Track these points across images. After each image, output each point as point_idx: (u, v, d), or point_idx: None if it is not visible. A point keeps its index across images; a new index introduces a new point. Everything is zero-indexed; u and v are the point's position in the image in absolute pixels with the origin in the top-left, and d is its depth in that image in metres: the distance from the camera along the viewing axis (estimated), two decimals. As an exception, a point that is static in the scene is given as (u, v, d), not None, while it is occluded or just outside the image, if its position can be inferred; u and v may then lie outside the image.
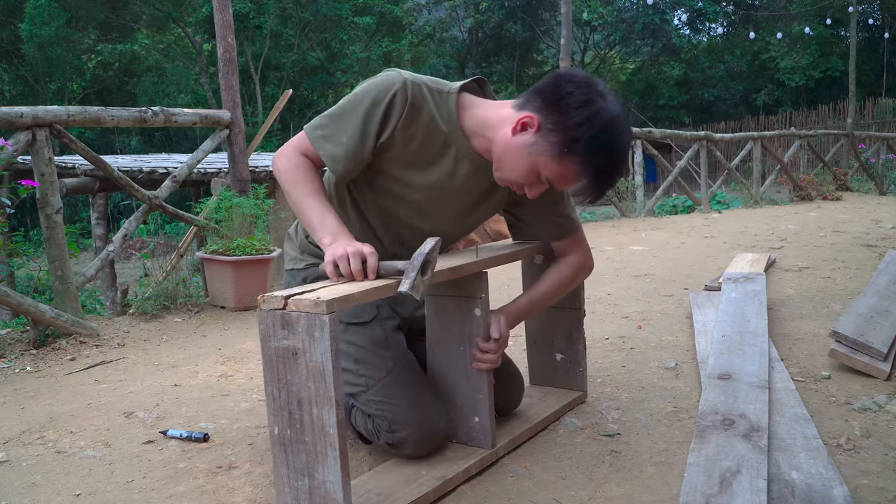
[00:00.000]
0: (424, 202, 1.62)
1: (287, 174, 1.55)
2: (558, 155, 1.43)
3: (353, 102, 1.51)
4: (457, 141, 1.56)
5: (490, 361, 1.64)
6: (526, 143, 1.46)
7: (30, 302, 2.92)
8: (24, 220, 13.90)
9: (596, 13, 21.67)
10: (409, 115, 1.51)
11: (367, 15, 21.33)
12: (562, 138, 1.42)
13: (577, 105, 1.41)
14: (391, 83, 1.49)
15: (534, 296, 1.77)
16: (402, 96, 1.49)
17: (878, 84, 21.56)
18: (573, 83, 1.44)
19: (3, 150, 2.95)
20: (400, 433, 1.59)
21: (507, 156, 1.49)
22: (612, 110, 1.43)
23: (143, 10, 19.54)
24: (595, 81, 1.47)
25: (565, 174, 1.46)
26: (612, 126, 1.42)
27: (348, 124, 1.51)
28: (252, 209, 3.82)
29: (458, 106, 1.55)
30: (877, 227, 5.83)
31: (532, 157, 1.46)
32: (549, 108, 1.44)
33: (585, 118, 1.41)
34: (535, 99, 1.47)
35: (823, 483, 1.46)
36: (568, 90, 1.43)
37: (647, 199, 8.53)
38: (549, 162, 1.45)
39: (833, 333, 2.24)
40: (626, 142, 1.46)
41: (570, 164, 1.44)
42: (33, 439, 1.97)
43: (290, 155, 1.56)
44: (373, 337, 1.66)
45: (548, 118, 1.44)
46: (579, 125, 1.41)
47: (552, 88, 1.45)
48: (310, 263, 1.75)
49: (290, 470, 1.36)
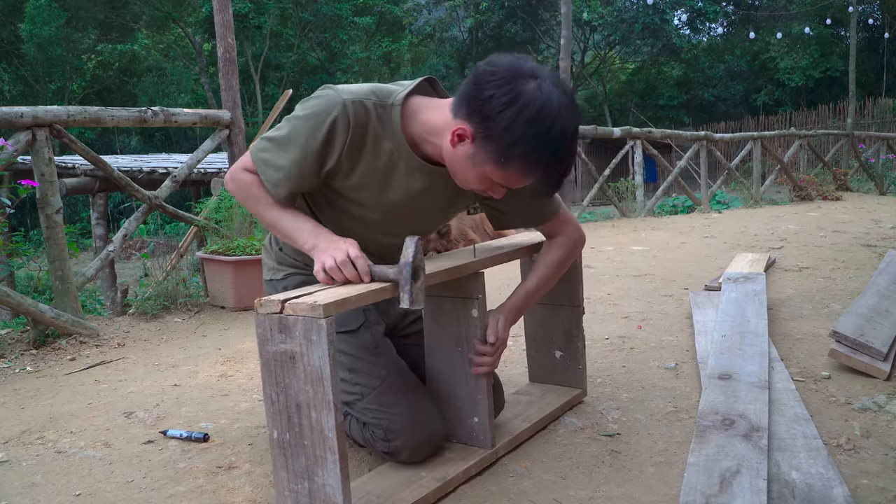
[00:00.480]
0: (385, 220, 1.59)
1: (241, 193, 1.56)
2: (498, 162, 1.36)
3: (293, 130, 1.47)
4: (404, 154, 1.50)
5: (487, 365, 1.64)
6: (466, 154, 1.39)
7: (30, 302, 2.92)
8: (24, 220, 13.90)
9: (596, 13, 21.67)
10: (353, 140, 1.46)
11: (367, 15, 21.34)
12: (496, 146, 1.35)
13: (500, 108, 1.32)
14: (330, 108, 1.43)
15: (529, 286, 1.74)
16: (343, 121, 1.43)
17: (878, 84, 21.56)
18: (493, 82, 1.34)
19: (3, 150, 2.95)
20: (396, 441, 1.58)
21: (455, 167, 1.45)
22: (538, 99, 1.32)
23: (143, 10, 19.55)
24: (517, 69, 1.35)
25: (514, 177, 1.40)
26: (541, 117, 1.32)
27: (288, 153, 1.47)
28: (252, 209, 3.82)
29: (403, 116, 1.48)
30: (877, 227, 5.83)
31: (478, 168, 1.40)
32: (475, 115, 1.36)
33: (511, 120, 1.32)
34: (463, 106, 1.38)
35: (823, 483, 1.46)
36: (488, 93, 1.34)
37: (647, 199, 8.53)
38: (494, 170, 1.39)
39: (833, 333, 2.24)
40: (562, 126, 1.34)
41: (515, 167, 1.36)
42: (33, 439, 1.97)
43: (236, 176, 1.55)
44: (362, 344, 1.64)
45: (477, 127, 1.36)
46: (507, 129, 1.32)
47: (473, 92, 1.36)
48: (288, 273, 1.73)
49: (289, 473, 1.36)
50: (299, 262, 1.71)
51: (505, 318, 1.68)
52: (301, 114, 1.47)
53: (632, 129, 8.13)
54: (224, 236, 3.76)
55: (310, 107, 1.46)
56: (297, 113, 1.48)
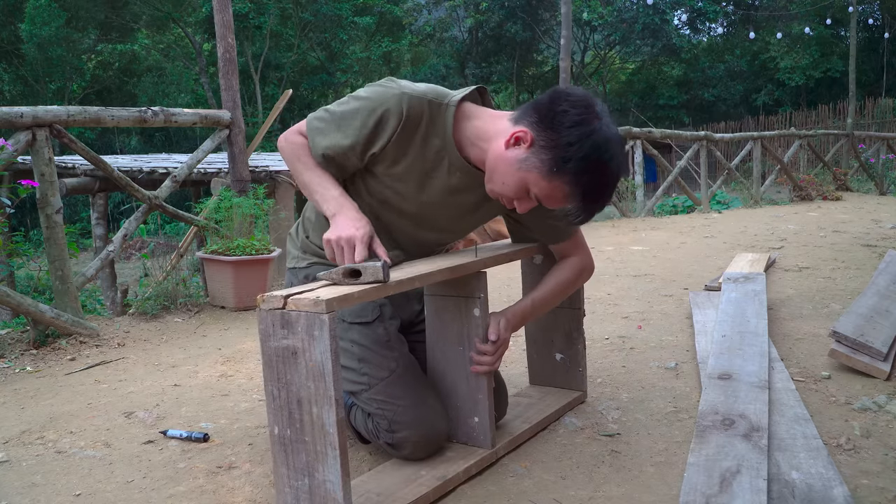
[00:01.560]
0: (419, 214, 1.65)
1: (286, 152, 1.64)
2: (548, 173, 1.42)
3: (352, 110, 1.54)
4: (450, 153, 1.57)
5: (488, 364, 1.64)
6: (518, 157, 1.45)
7: (30, 302, 2.92)
8: (24, 220, 13.90)
9: (596, 13, 21.66)
10: (404, 132, 1.52)
11: (367, 15, 21.33)
12: (552, 156, 1.41)
13: (570, 124, 1.40)
14: (387, 99, 1.51)
15: (536, 298, 1.77)
16: (395, 114, 1.50)
17: (878, 84, 21.56)
18: (569, 101, 1.43)
19: (3, 150, 2.95)
20: (400, 434, 1.59)
21: (499, 168, 1.49)
22: (605, 133, 1.41)
23: (143, 10, 19.55)
24: (592, 101, 1.45)
25: (554, 193, 1.45)
26: (603, 148, 1.40)
27: (344, 126, 1.55)
28: (252, 209, 3.82)
29: (457, 118, 1.55)
30: (877, 227, 5.83)
31: (522, 173, 1.45)
32: (542, 124, 1.43)
33: (577, 138, 1.39)
34: (531, 114, 1.46)
35: (823, 483, 1.46)
36: (563, 108, 1.41)
37: (647, 199, 8.53)
38: (539, 179, 1.44)
39: (833, 333, 2.24)
40: (617, 165, 1.43)
41: (559, 183, 1.43)
42: (33, 439, 1.97)
43: (290, 137, 1.64)
44: (376, 337, 1.66)
45: (541, 135, 1.42)
46: (570, 145, 1.39)
47: (548, 105, 1.44)
48: (312, 262, 1.76)
49: (290, 470, 1.36)
50: (324, 250, 1.73)
51: (507, 320, 1.69)
52: (362, 95, 1.55)
53: (632, 129, 8.13)
54: (224, 236, 3.76)
55: (372, 92, 1.54)
56: (360, 93, 1.56)
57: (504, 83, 24.64)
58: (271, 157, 8.90)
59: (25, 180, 2.94)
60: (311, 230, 1.77)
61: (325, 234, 1.49)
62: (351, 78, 21.76)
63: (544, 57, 25.86)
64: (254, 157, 8.31)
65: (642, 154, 8.12)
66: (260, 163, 6.79)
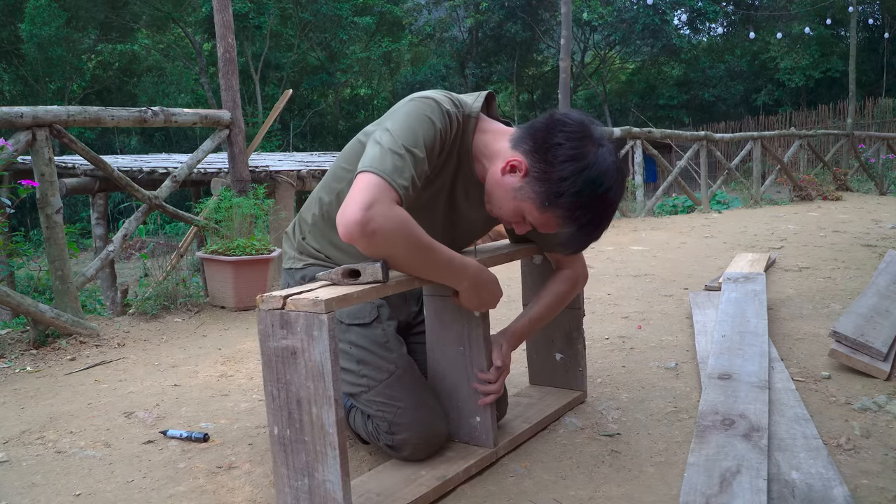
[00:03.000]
0: (443, 224, 1.66)
1: (400, 232, 1.32)
2: (541, 205, 1.43)
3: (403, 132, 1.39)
4: (466, 165, 1.58)
5: (494, 391, 1.65)
6: (513, 185, 1.45)
7: (30, 302, 2.92)
8: (24, 220, 13.90)
9: (596, 13, 21.66)
10: (444, 144, 1.49)
11: (367, 15, 21.35)
12: (545, 190, 1.40)
13: (564, 159, 1.38)
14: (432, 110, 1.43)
15: (533, 315, 1.79)
16: (443, 122, 1.45)
17: (878, 84, 21.56)
18: (564, 133, 1.40)
19: (3, 150, 2.95)
20: (400, 435, 1.59)
21: (496, 193, 1.50)
22: (601, 165, 1.39)
23: (143, 10, 19.56)
24: (590, 130, 1.42)
25: (548, 223, 1.46)
26: (597, 182, 1.39)
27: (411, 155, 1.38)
28: (252, 209, 3.82)
29: (475, 130, 1.55)
30: (877, 227, 5.83)
31: (517, 202, 1.46)
32: (537, 154, 1.41)
33: (570, 173, 1.38)
34: (527, 141, 1.44)
35: (823, 483, 1.46)
36: (558, 140, 1.39)
37: (647, 199, 8.53)
38: (533, 209, 1.44)
39: (833, 333, 2.24)
40: (611, 197, 1.42)
41: (553, 216, 1.43)
42: (33, 439, 1.97)
43: (386, 212, 1.29)
44: (374, 338, 1.66)
45: (535, 165, 1.41)
46: (563, 180, 1.38)
47: (543, 134, 1.42)
48: (308, 263, 1.75)
49: (289, 470, 1.36)
50: (320, 253, 1.74)
51: (508, 343, 1.71)
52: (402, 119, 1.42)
53: (632, 129, 8.13)
54: (224, 236, 3.76)
55: (412, 111, 1.43)
56: (398, 117, 1.43)
57: (504, 83, 24.64)
58: (271, 157, 8.90)
59: (25, 180, 2.94)
60: (307, 232, 1.76)
61: (467, 306, 1.53)
62: (351, 78, 21.77)
63: (544, 57, 25.87)
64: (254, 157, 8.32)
65: (642, 154, 8.12)
66: (260, 163, 6.79)
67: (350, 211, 1.28)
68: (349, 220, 1.27)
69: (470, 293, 1.52)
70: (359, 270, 1.36)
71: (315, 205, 1.73)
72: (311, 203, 1.76)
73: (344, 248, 1.68)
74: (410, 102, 1.46)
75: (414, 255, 1.36)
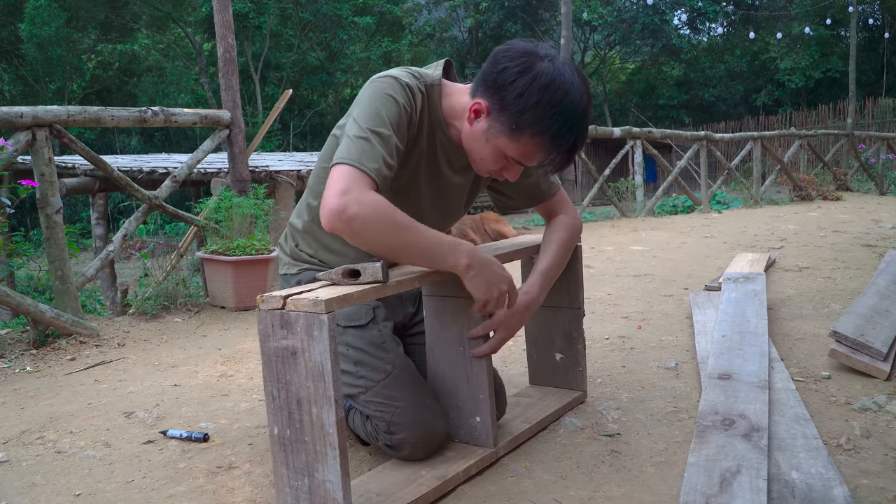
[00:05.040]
0: (427, 197, 1.66)
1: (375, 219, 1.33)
2: (511, 132, 1.43)
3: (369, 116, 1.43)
4: (440, 132, 1.60)
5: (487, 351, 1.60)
6: (482, 129, 1.47)
7: (30, 302, 2.92)
8: (24, 220, 13.90)
9: (596, 13, 21.67)
10: (412, 116, 1.53)
11: (367, 15, 21.34)
12: (508, 115, 1.41)
13: (513, 78, 1.40)
14: (393, 88, 1.47)
15: (543, 268, 1.73)
16: (407, 97, 1.48)
17: (878, 84, 21.57)
18: (507, 57, 1.43)
19: (3, 150, 2.95)
20: (399, 435, 1.59)
21: (473, 146, 1.52)
22: (550, 72, 1.39)
23: (143, 10, 19.55)
24: (534, 48, 1.43)
25: (527, 149, 1.45)
26: (552, 87, 1.39)
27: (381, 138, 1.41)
28: (252, 209, 3.82)
29: (441, 95, 1.58)
30: (877, 227, 5.83)
31: (491, 142, 1.47)
32: (491, 89, 1.44)
33: (524, 87, 1.39)
34: (480, 84, 1.47)
35: (823, 483, 1.46)
36: (503, 66, 1.42)
37: (647, 199, 8.53)
38: (508, 142, 1.45)
39: (833, 333, 2.24)
40: (574, 97, 1.40)
41: (527, 137, 1.43)
42: (33, 439, 1.97)
43: (360, 197, 1.32)
44: (371, 339, 1.66)
45: (492, 99, 1.43)
46: (520, 96, 1.39)
47: (490, 69, 1.45)
48: (303, 269, 1.75)
49: (289, 470, 1.36)
50: (314, 258, 1.74)
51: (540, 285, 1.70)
52: (367, 100, 1.45)
53: (632, 129, 8.13)
54: (224, 236, 3.76)
55: (374, 92, 1.46)
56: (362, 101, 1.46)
57: (504, 83, 24.59)
58: (271, 157, 8.90)
59: (25, 180, 2.94)
60: (299, 239, 1.76)
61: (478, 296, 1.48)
62: (351, 78, 21.75)
63: (544, 57, 25.82)
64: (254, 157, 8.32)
65: (642, 154, 8.12)
66: (260, 163, 6.79)
67: (327, 202, 1.33)
68: (327, 210, 1.32)
69: (475, 276, 1.45)
70: (359, 270, 1.36)
71: (305, 211, 1.74)
72: (301, 210, 1.76)
73: (338, 250, 1.68)
74: (371, 85, 1.49)
75: (396, 237, 1.36)
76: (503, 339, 1.64)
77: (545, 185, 1.81)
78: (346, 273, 1.37)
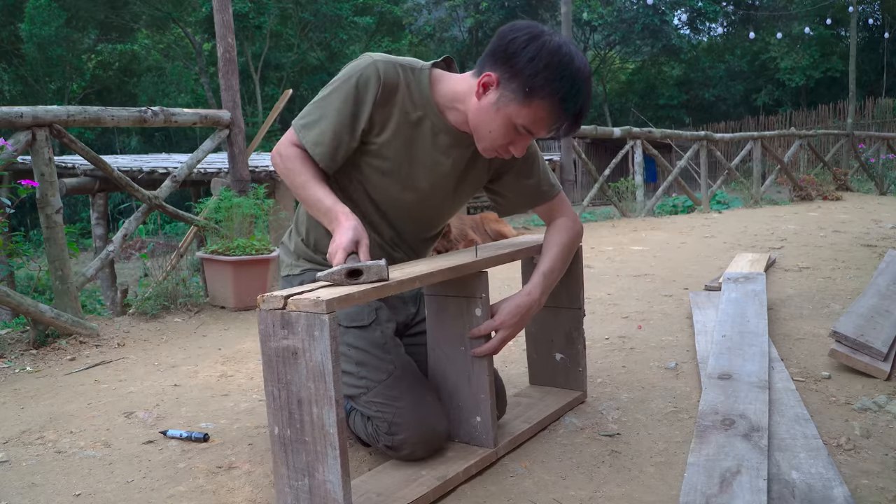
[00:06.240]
0: (412, 185, 1.67)
1: (280, 167, 1.61)
2: (524, 97, 1.47)
3: (328, 92, 1.58)
4: (431, 115, 1.62)
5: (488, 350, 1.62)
6: (491, 101, 1.51)
7: (30, 302, 2.92)
8: (24, 220, 13.90)
9: (596, 13, 21.67)
10: (384, 95, 1.56)
11: (367, 15, 21.34)
12: (520, 80, 1.46)
13: (524, 45, 1.46)
14: (361, 65, 1.56)
15: (545, 269, 1.74)
16: (375, 76, 1.55)
17: (878, 84, 21.57)
18: (514, 30, 1.50)
19: (3, 150, 2.95)
20: (399, 435, 1.59)
21: (481, 121, 1.54)
22: (557, 39, 1.47)
23: (143, 10, 19.55)
24: (537, 24, 1.52)
25: (538, 114, 1.49)
26: (561, 51, 1.46)
27: (327, 109, 1.57)
28: (252, 209, 3.82)
29: (431, 81, 1.61)
30: (877, 227, 5.83)
31: (502, 112, 1.50)
32: (500, 60, 1.49)
33: (535, 53, 1.45)
34: (488, 60, 1.52)
35: (823, 483, 1.46)
36: (511, 37, 1.48)
37: (647, 199, 8.53)
38: (519, 109, 1.49)
39: (833, 333, 2.24)
40: (580, 64, 1.48)
41: (538, 100, 1.47)
42: (33, 439, 1.97)
43: (281, 149, 1.61)
44: (372, 340, 1.66)
45: (503, 69, 1.48)
46: (531, 60, 1.45)
47: (497, 43, 1.51)
48: (305, 269, 1.75)
49: (290, 470, 1.36)
50: (317, 256, 1.74)
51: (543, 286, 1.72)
52: (336, 77, 1.59)
53: (632, 129, 8.13)
54: (224, 236, 3.76)
55: (343, 71, 1.59)
56: (333, 79, 1.60)
57: (504, 83, 24.60)
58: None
59: (25, 180, 2.94)
60: (304, 234, 1.77)
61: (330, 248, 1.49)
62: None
63: (544, 57, 25.82)
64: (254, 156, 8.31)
65: (642, 154, 8.12)
66: (260, 163, 6.79)
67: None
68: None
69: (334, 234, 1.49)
70: (361, 270, 1.36)
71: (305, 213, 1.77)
72: (302, 211, 1.78)
73: None
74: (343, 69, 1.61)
75: (295, 189, 1.59)
76: (504, 339, 1.65)
77: (546, 187, 1.81)
78: (347, 273, 1.37)
